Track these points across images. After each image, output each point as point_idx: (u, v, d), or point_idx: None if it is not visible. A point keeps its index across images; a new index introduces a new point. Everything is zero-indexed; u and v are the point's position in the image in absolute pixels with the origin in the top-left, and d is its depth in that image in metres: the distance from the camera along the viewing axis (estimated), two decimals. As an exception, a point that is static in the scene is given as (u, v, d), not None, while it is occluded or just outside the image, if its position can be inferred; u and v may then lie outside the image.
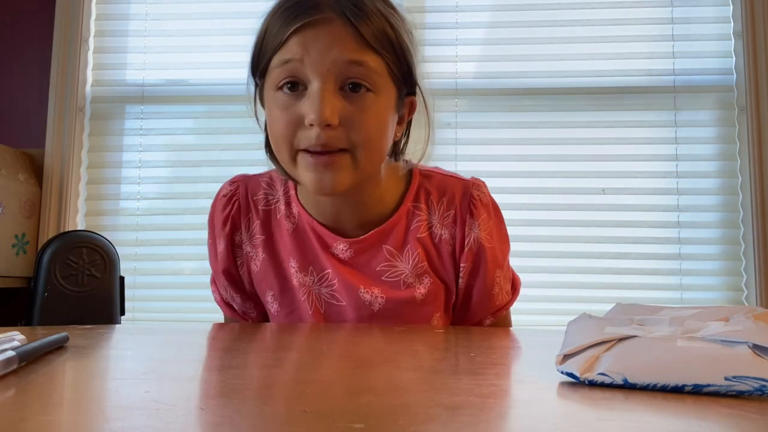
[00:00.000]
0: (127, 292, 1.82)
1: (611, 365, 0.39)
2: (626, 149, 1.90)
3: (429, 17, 1.99)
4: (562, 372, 0.41)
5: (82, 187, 2.02)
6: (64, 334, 0.52)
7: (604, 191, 1.89)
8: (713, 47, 1.92)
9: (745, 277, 1.83)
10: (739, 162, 1.86)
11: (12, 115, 2.05)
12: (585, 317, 0.47)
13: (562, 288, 1.86)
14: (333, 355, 0.54)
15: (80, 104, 2.02)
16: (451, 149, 1.93)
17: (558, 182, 1.90)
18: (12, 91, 2.07)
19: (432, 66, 1.95)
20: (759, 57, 1.86)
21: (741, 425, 0.31)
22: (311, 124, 0.68)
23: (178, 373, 0.45)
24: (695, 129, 1.90)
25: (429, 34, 1.98)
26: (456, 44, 1.97)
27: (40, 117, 2.01)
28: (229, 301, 0.87)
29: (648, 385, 0.37)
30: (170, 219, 2.00)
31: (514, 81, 1.95)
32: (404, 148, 0.82)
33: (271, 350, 0.60)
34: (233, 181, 0.86)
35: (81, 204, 2.01)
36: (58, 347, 0.51)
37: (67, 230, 1.90)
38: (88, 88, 2.05)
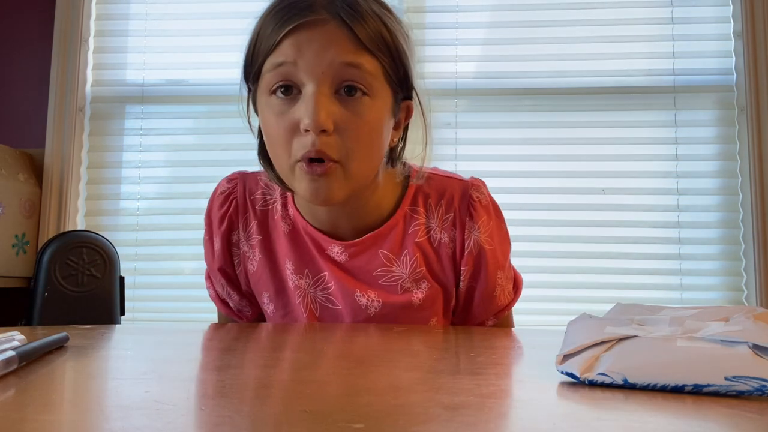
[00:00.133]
0: (127, 292, 1.82)
1: (611, 365, 0.39)
2: (626, 149, 1.90)
3: (429, 17, 1.99)
4: (562, 372, 0.41)
5: (82, 187, 2.02)
6: (64, 334, 0.52)
7: (604, 191, 1.89)
8: (713, 47, 1.92)
9: (745, 277, 1.83)
10: (739, 162, 1.86)
11: (12, 115, 2.06)
12: (585, 317, 0.47)
13: (562, 288, 1.86)
14: (333, 355, 0.54)
15: (80, 104, 2.02)
16: (451, 149, 1.93)
17: (558, 182, 1.90)
18: (12, 91, 2.07)
19: (432, 66, 1.95)
20: (759, 57, 1.86)
21: (741, 425, 0.31)
22: (306, 130, 0.66)
23: (178, 373, 0.45)
24: (695, 129, 1.90)
25: (429, 34, 1.98)
26: (456, 44, 1.97)
27: (40, 117, 2.01)
28: (225, 298, 0.86)
29: (648, 385, 0.37)
30: (170, 219, 2.00)
31: (514, 81, 1.95)
32: (401, 154, 0.80)
33: (271, 350, 0.60)
34: (231, 179, 0.84)
35: (81, 204, 2.01)
36: (58, 347, 0.51)
37: (67, 230, 1.90)
38: (88, 88, 2.05)
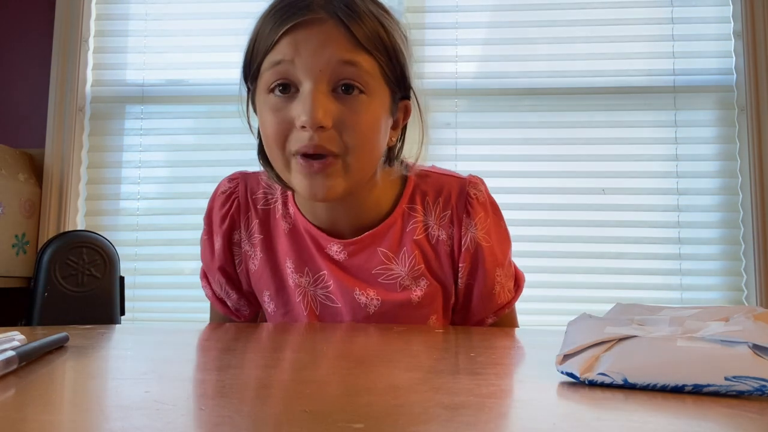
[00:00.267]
0: (127, 292, 1.82)
1: (611, 365, 0.39)
2: (626, 149, 1.90)
3: (429, 17, 1.99)
4: (562, 372, 0.41)
5: (82, 187, 2.02)
6: (64, 334, 0.52)
7: (604, 191, 1.89)
8: (713, 47, 1.92)
9: (745, 277, 1.83)
10: (739, 162, 1.86)
11: (12, 115, 2.06)
12: (585, 317, 0.47)
13: (563, 288, 1.86)
14: (332, 355, 0.54)
15: (80, 104, 2.02)
16: (451, 149, 1.93)
17: (558, 182, 1.90)
18: (12, 91, 2.07)
19: (432, 66, 1.95)
20: (759, 57, 1.86)
21: (741, 425, 0.31)
22: (303, 127, 0.67)
23: (178, 373, 0.45)
24: (695, 129, 1.90)
25: (429, 34, 1.98)
26: (456, 44, 1.97)
27: (40, 117, 2.01)
28: (223, 298, 0.86)
29: (648, 385, 0.37)
30: (170, 219, 2.00)
31: (514, 81, 1.95)
32: (399, 153, 0.80)
33: (271, 350, 0.60)
34: (232, 178, 0.85)
35: (81, 204, 2.01)
36: (58, 347, 0.51)
37: (67, 230, 1.90)
38: (88, 88, 2.05)
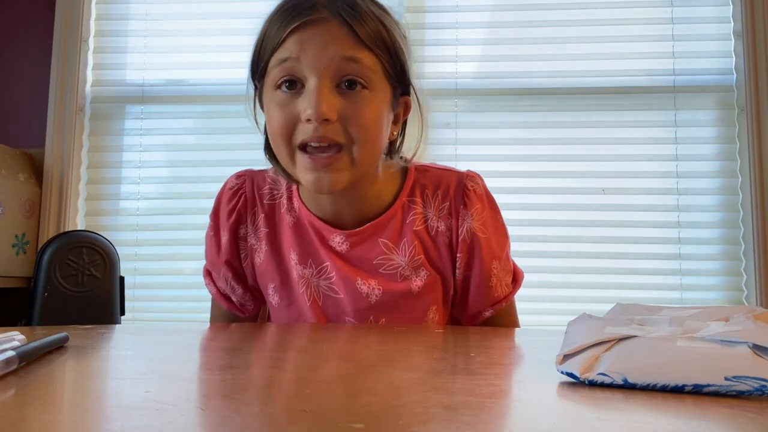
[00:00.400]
0: (127, 292, 1.82)
1: (611, 365, 0.39)
2: (626, 149, 1.90)
3: (429, 17, 1.99)
4: (562, 372, 0.41)
5: (82, 187, 2.02)
6: (64, 334, 0.53)
7: (604, 191, 1.89)
8: (713, 47, 1.92)
9: (745, 277, 1.83)
10: (739, 162, 1.86)
11: (12, 115, 2.06)
12: (585, 317, 0.47)
13: (562, 288, 1.86)
14: (332, 356, 0.54)
15: (80, 104, 2.02)
16: (451, 149, 1.93)
17: (558, 182, 1.90)
18: (12, 91, 2.07)
19: (432, 66, 1.95)
20: (759, 57, 1.86)
21: (741, 425, 0.31)
22: (309, 120, 0.70)
23: (178, 373, 0.45)
24: (695, 129, 1.90)
25: (429, 34, 1.98)
26: (456, 44, 1.97)
27: (40, 117, 2.01)
28: (228, 293, 0.87)
29: (648, 385, 0.37)
30: (170, 219, 2.00)
31: (514, 81, 1.95)
32: (400, 147, 0.83)
33: (271, 350, 0.60)
34: (239, 175, 0.87)
35: (81, 204, 2.01)
36: (58, 347, 0.51)
37: (67, 230, 1.90)
38: (88, 88, 2.05)
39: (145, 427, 0.29)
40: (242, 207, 0.85)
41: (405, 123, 0.83)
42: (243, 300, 0.87)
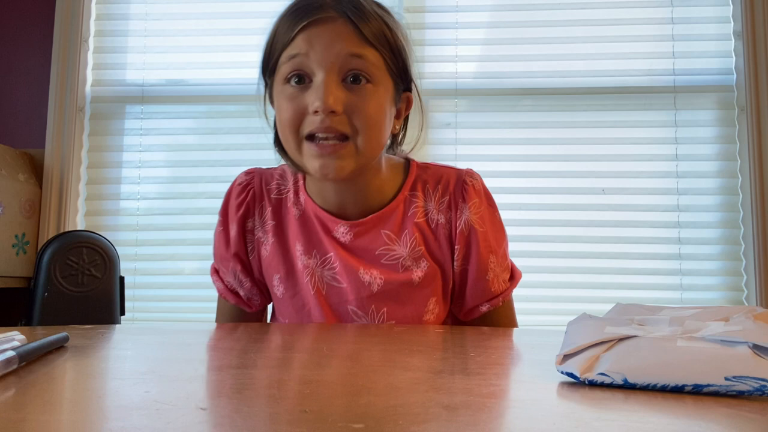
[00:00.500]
0: (127, 292, 1.82)
1: (611, 365, 0.39)
2: (626, 149, 1.90)
3: (429, 17, 1.99)
4: (562, 372, 0.41)
5: (82, 187, 2.02)
6: (64, 334, 0.53)
7: (604, 191, 1.89)
8: (713, 47, 1.92)
9: (745, 277, 1.83)
10: (739, 162, 1.86)
11: (12, 115, 2.06)
12: (585, 317, 0.47)
13: (562, 288, 1.87)
14: (333, 356, 0.54)
15: (80, 104, 2.02)
16: (451, 149, 1.93)
17: (558, 182, 1.90)
18: (12, 91, 2.07)
19: (432, 66, 1.95)
20: (759, 57, 1.86)
21: (741, 425, 0.31)
22: (316, 111, 0.74)
23: (178, 373, 0.45)
24: (695, 129, 1.90)
25: (429, 34, 1.98)
26: (456, 44, 1.97)
27: (40, 117, 2.02)
28: (236, 288, 0.89)
29: (648, 385, 0.37)
30: (170, 219, 1.99)
31: (514, 81, 1.95)
32: (402, 141, 0.88)
33: (271, 350, 0.60)
34: (248, 172, 0.91)
35: (81, 204, 2.01)
36: (58, 347, 0.51)
37: (67, 230, 1.90)
38: (88, 88, 2.05)
39: (145, 427, 0.29)
40: (250, 201, 0.88)
41: (407, 118, 0.87)
42: (250, 294, 0.89)
